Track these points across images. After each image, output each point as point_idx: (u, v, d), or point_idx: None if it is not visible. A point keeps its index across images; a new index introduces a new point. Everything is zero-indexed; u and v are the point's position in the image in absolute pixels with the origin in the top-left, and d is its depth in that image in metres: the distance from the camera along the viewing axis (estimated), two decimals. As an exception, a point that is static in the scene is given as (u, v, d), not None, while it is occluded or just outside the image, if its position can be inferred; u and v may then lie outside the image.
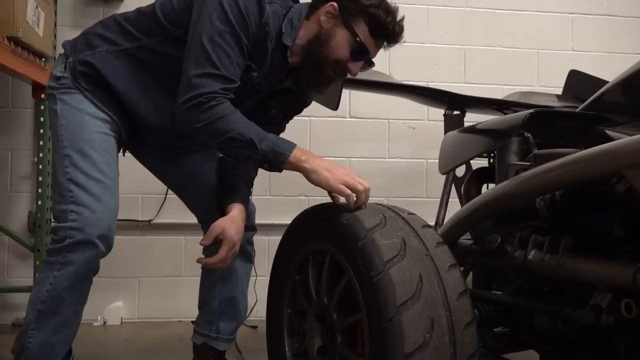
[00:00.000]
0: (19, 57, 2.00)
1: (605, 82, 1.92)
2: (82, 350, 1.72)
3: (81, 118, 1.36)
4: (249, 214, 1.59)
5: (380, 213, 1.16)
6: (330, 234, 1.19)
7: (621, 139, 0.97)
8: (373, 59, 1.42)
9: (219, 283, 1.61)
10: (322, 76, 1.41)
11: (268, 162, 1.29)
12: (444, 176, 2.01)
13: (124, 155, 1.57)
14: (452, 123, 2.13)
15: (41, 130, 2.48)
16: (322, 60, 1.37)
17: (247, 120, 1.30)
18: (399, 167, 2.85)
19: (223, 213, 1.48)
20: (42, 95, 2.26)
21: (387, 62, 2.84)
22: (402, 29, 1.39)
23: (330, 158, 2.71)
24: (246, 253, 1.62)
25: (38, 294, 1.30)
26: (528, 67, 2.96)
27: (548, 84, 2.86)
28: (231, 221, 1.44)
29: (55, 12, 2.45)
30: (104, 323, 2.59)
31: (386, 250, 1.05)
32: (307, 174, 1.26)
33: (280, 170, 1.30)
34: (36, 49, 2.11)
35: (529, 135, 1.38)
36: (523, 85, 2.83)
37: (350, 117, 2.84)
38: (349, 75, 1.43)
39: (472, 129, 1.58)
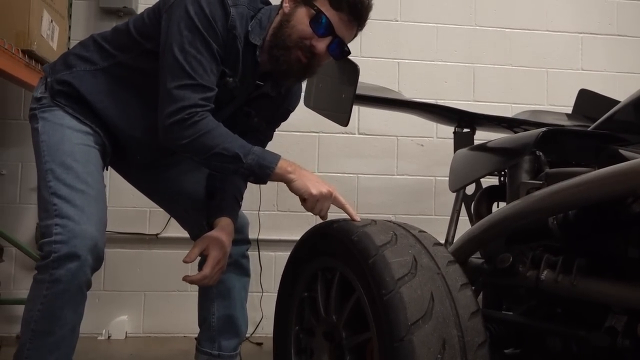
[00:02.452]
0: (33, 70, 2.02)
1: (615, 101, 1.92)
2: (87, 365, 1.70)
3: (62, 132, 1.35)
4: (242, 227, 1.58)
5: (391, 230, 1.15)
6: (339, 251, 1.18)
7: (637, 159, 0.96)
8: (347, 44, 1.36)
9: (217, 299, 1.59)
10: (291, 61, 1.34)
11: (254, 175, 1.29)
12: (453, 194, 2.00)
13: (106, 170, 1.54)
14: (461, 141, 2.12)
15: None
16: (286, 42, 1.33)
17: (231, 134, 1.29)
18: (408, 184, 2.84)
19: (211, 228, 1.46)
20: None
21: (396, 80, 2.86)
22: (366, 4, 1.32)
23: (339, 175, 2.75)
24: (241, 267, 1.60)
25: (30, 313, 1.25)
26: (537, 86, 2.96)
27: (557, 103, 2.85)
28: (216, 236, 1.43)
29: (70, 27, 2.48)
30: (109, 337, 2.58)
31: (397, 268, 1.03)
32: (290, 183, 1.28)
33: (265, 182, 1.31)
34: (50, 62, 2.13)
35: (541, 153, 1.37)
36: (532, 104, 2.83)
37: (359, 133, 2.84)
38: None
39: (483, 147, 1.57)
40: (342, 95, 1.70)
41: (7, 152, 2.64)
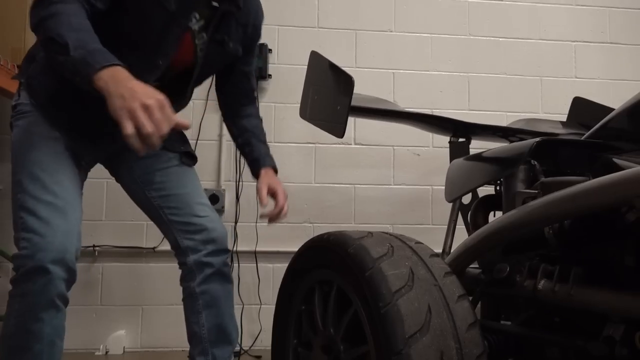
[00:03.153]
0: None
1: (609, 109, 1.93)
2: (84, 381, 1.68)
3: (30, 140, 1.33)
4: (221, 237, 1.56)
5: (387, 242, 1.15)
6: (336, 263, 1.18)
7: (632, 168, 0.96)
8: None
9: (205, 310, 1.56)
10: None
11: (78, 75, 1.11)
12: (450, 203, 2.00)
13: (85, 175, 1.49)
14: (457, 150, 2.13)
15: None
16: None
17: (79, 26, 1.15)
18: (404, 193, 2.85)
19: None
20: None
21: (391, 90, 2.87)
22: None
23: (336, 185, 2.76)
24: (224, 275, 1.58)
25: (6, 329, 1.24)
26: (531, 94, 2.98)
27: (552, 111, 2.88)
28: (270, 177, 1.59)
29: None
30: (106, 352, 2.56)
31: (394, 280, 1.03)
32: (107, 98, 1.07)
33: (90, 87, 1.09)
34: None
35: (536, 163, 1.37)
36: (527, 112, 2.85)
37: (355, 144, 2.85)
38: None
39: (479, 157, 1.57)
40: (337, 107, 1.70)
41: (3, 168, 2.64)
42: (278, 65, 2.80)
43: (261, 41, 2.57)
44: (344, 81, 1.67)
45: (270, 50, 2.77)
